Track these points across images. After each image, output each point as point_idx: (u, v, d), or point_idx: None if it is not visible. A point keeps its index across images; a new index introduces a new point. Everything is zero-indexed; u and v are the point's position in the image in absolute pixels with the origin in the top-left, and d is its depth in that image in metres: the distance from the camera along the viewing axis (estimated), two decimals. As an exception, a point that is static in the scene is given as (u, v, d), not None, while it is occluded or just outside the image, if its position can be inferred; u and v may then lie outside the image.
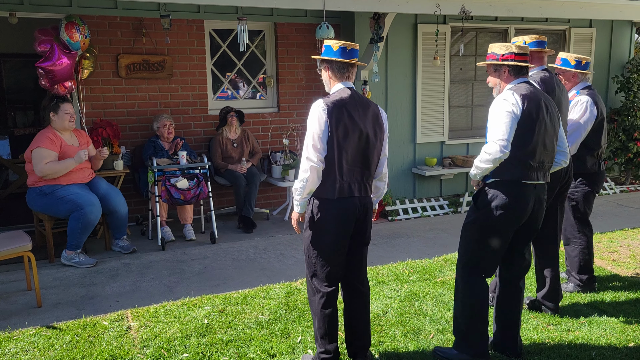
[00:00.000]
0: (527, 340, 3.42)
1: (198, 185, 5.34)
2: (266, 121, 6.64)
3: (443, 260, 4.90)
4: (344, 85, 2.97)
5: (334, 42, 2.96)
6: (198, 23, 6.13)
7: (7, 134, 7.83)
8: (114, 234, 5.19)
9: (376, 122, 2.98)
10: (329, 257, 2.93)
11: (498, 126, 2.96)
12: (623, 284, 4.33)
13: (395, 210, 6.48)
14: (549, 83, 3.59)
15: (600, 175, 4.18)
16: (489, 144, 2.98)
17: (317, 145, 2.84)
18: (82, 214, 4.70)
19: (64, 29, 5.00)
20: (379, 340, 3.42)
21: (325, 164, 2.87)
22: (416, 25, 6.63)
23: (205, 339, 3.45)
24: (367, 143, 2.92)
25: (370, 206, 3.03)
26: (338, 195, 2.88)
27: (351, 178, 2.90)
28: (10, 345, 3.39)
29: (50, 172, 4.69)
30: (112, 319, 3.73)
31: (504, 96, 3.03)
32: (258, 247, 5.33)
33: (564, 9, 6.39)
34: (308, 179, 2.85)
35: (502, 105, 2.99)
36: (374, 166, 3.01)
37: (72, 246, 4.78)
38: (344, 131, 2.85)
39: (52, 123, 4.85)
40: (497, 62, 3.13)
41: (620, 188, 7.77)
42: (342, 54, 2.92)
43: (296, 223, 3.11)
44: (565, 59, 4.06)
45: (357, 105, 2.92)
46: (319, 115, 2.84)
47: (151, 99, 6.07)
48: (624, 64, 8.02)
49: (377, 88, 6.54)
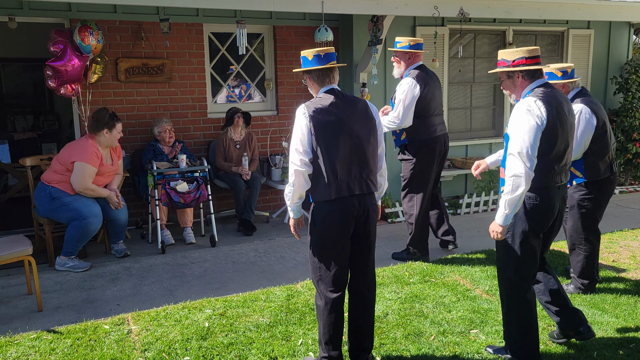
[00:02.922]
0: (528, 341, 3.43)
1: (198, 189, 5.34)
2: (265, 124, 6.64)
3: (443, 262, 4.90)
4: (327, 88, 3.01)
5: (309, 52, 3.00)
6: (197, 26, 6.14)
7: (7, 138, 7.84)
8: (112, 238, 5.20)
9: (365, 116, 2.99)
10: (332, 260, 2.93)
11: (523, 141, 2.84)
12: (624, 285, 4.33)
13: (395, 212, 6.49)
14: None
15: (612, 181, 4.10)
16: (514, 162, 2.84)
17: (300, 148, 2.88)
18: (84, 224, 4.69)
19: (77, 32, 5.02)
20: (380, 343, 3.43)
21: (315, 166, 2.90)
22: (415, 27, 6.64)
23: (206, 342, 3.45)
24: (358, 139, 2.93)
25: (372, 205, 3.00)
26: (336, 195, 2.88)
27: (349, 177, 2.91)
28: (11, 349, 3.39)
29: (89, 192, 4.75)
30: (113, 323, 3.73)
31: (527, 105, 2.91)
32: (258, 250, 5.34)
33: (562, 11, 6.41)
34: (294, 183, 2.92)
35: (526, 117, 2.88)
36: (373, 161, 3.00)
37: (68, 253, 4.78)
38: (330, 132, 2.87)
39: (101, 138, 4.85)
40: (509, 70, 3.07)
41: (619, 189, 7.78)
42: (318, 61, 2.97)
43: (294, 229, 3.12)
44: (551, 72, 3.96)
45: (341, 104, 2.94)
46: (299, 119, 2.90)
47: (150, 103, 6.07)
48: (622, 64, 8.04)
49: (375, 90, 6.55)
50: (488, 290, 4.23)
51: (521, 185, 2.82)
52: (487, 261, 4.87)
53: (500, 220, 2.93)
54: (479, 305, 3.95)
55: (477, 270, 4.65)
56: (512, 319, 3.15)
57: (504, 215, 2.91)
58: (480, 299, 4.07)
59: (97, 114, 4.94)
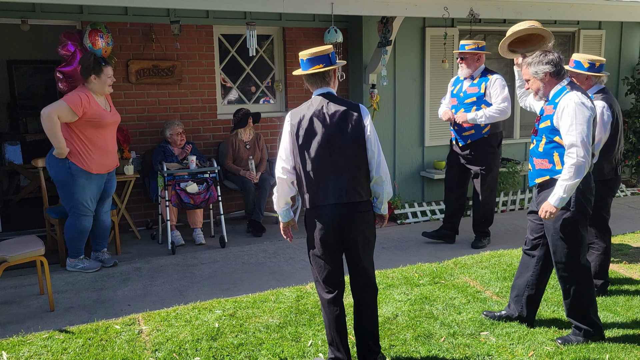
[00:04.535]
0: (540, 343, 3.41)
1: (207, 190, 5.36)
2: (275, 125, 6.66)
3: (453, 263, 4.88)
4: (319, 92, 2.97)
5: (303, 53, 2.95)
6: (207, 28, 6.16)
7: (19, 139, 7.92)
8: (95, 245, 4.97)
9: (347, 124, 2.85)
10: (322, 263, 2.97)
11: (582, 131, 3.09)
12: (636, 287, 4.29)
13: (404, 213, 6.47)
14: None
15: (616, 181, 4.13)
16: (576, 151, 3.08)
17: (282, 155, 2.92)
18: (78, 223, 4.66)
19: (87, 35, 5.02)
20: (390, 344, 3.42)
21: (297, 174, 2.92)
22: (424, 28, 6.63)
23: (217, 342, 3.46)
24: (338, 148, 2.85)
25: (360, 214, 2.88)
26: (310, 204, 2.91)
27: (325, 186, 2.86)
28: (24, 348, 3.42)
29: (49, 128, 4.38)
30: (123, 323, 3.76)
31: (578, 99, 3.14)
32: (267, 251, 5.35)
33: (573, 11, 6.36)
34: (278, 189, 2.96)
35: (581, 109, 3.12)
36: (358, 171, 2.87)
37: (74, 253, 4.77)
38: (308, 140, 2.86)
39: (91, 85, 4.58)
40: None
41: (631, 190, 7.71)
42: (304, 66, 2.95)
43: (283, 232, 3.14)
44: (578, 61, 3.95)
45: (322, 112, 2.88)
46: (285, 126, 2.94)
47: (161, 104, 6.11)
48: (634, 65, 7.97)
49: (385, 91, 6.54)
50: (498, 292, 4.21)
51: (583, 173, 3.10)
52: (496, 263, 4.84)
53: (557, 203, 3.16)
54: (489, 307, 3.93)
55: (487, 272, 4.63)
56: (585, 295, 3.35)
57: (561, 198, 3.14)
58: (491, 300, 4.05)
59: (82, 60, 4.67)
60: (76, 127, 4.52)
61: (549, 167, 3.30)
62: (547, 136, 3.28)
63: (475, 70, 5.21)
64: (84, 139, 4.55)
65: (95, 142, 4.60)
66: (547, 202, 3.19)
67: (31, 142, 8.33)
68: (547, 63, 3.26)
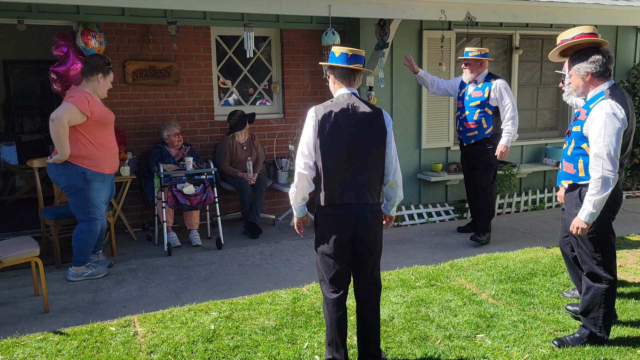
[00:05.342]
0: (535, 345, 3.41)
1: (204, 191, 5.35)
2: (272, 127, 6.66)
3: (449, 266, 4.89)
4: (346, 91, 2.97)
5: (338, 49, 2.97)
6: (204, 30, 6.16)
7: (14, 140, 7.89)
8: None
9: (374, 127, 2.92)
10: (331, 262, 2.96)
11: (610, 143, 3.05)
12: (630, 290, 4.31)
13: (400, 216, 6.48)
14: None
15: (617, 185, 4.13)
16: (603, 164, 3.04)
17: (305, 151, 2.90)
18: (94, 226, 4.59)
19: (80, 35, 5.02)
20: (386, 347, 3.42)
21: (317, 170, 2.91)
22: (421, 31, 6.64)
23: (212, 344, 3.45)
24: (360, 149, 2.88)
25: (374, 214, 2.95)
26: (327, 202, 2.90)
27: (345, 185, 2.88)
28: (18, 350, 3.40)
29: (60, 133, 4.29)
30: (119, 325, 3.74)
31: (610, 109, 3.09)
32: (264, 253, 5.34)
33: (569, 15, 6.39)
34: (297, 185, 2.94)
35: (611, 120, 3.06)
36: (374, 173, 2.94)
37: (81, 261, 4.61)
38: (332, 138, 2.86)
39: (93, 84, 4.52)
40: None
41: (626, 194, 7.74)
42: (344, 60, 2.93)
43: (296, 226, 3.15)
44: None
45: (349, 111, 2.90)
46: (308, 121, 2.91)
47: (157, 105, 6.10)
48: (629, 69, 8.01)
49: (382, 94, 6.55)
50: (494, 294, 4.22)
51: (610, 186, 3.05)
52: (492, 266, 4.85)
53: (587, 219, 3.12)
54: (485, 309, 3.94)
55: (483, 274, 4.63)
56: (606, 302, 3.34)
57: (591, 214, 3.11)
58: (487, 303, 4.06)
59: (90, 59, 4.63)
60: (83, 129, 4.47)
61: (573, 172, 3.32)
62: (576, 141, 3.28)
63: (478, 75, 5.47)
64: (92, 141, 4.51)
65: (103, 142, 4.58)
66: (578, 218, 3.16)
67: (27, 142, 8.29)
68: (592, 62, 3.20)
